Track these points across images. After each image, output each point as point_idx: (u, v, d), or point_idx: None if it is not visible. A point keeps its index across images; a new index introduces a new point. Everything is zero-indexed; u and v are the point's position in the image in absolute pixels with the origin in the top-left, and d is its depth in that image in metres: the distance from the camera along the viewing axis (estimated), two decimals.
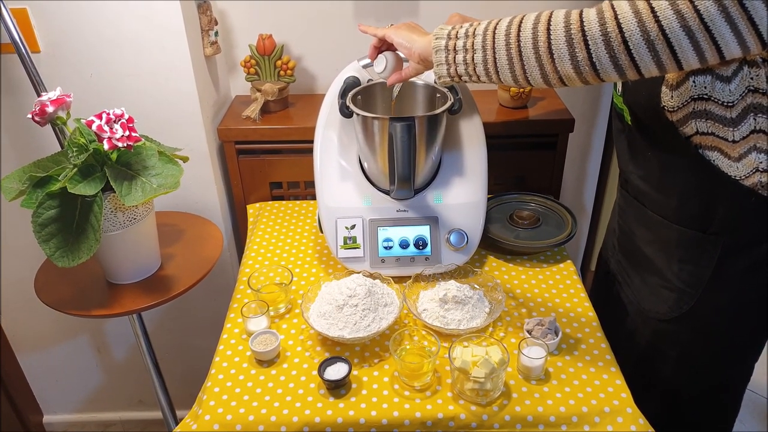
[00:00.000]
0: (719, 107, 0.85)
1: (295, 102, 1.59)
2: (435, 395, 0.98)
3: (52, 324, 1.73)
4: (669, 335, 1.07)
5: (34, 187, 1.06)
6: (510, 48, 0.84)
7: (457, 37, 0.91)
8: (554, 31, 0.80)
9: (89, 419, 1.97)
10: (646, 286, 1.09)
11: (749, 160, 0.87)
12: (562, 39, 0.79)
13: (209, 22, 1.41)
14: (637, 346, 1.13)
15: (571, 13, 0.80)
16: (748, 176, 0.88)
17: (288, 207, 1.50)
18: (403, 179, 1.12)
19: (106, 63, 1.33)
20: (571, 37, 0.78)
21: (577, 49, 0.78)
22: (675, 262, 1.01)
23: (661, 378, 1.12)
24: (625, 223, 1.14)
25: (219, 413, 0.97)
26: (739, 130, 0.85)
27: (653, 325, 1.09)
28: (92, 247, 1.06)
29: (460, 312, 1.09)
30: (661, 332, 1.08)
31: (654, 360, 1.11)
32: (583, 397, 0.96)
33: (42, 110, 1.05)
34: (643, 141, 0.99)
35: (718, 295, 1.00)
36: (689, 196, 0.95)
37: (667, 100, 0.88)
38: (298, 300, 1.18)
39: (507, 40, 0.84)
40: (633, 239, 1.10)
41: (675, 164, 0.95)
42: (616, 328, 1.16)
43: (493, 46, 0.86)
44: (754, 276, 0.97)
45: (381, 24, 1.54)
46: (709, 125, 0.87)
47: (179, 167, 1.13)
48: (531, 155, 1.53)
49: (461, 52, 0.90)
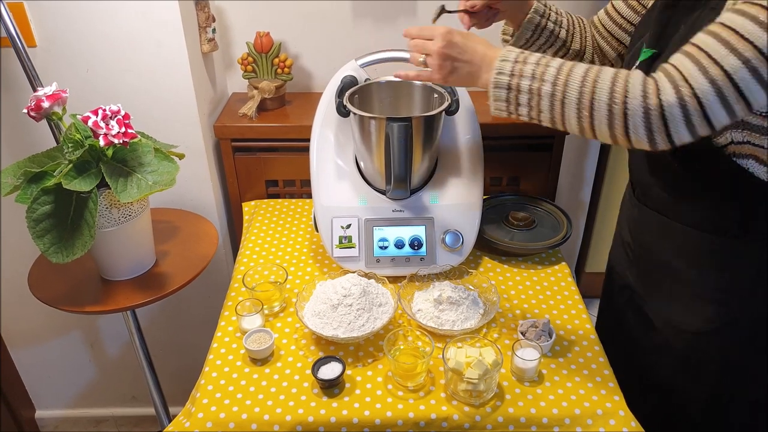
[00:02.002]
0: (756, 117, 0.83)
1: (292, 100, 1.59)
2: (428, 396, 0.98)
3: (45, 319, 1.73)
4: (708, 348, 1.02)
5: (28, 183, 1.05)
6: (582, 107, 0.80)
7: (522, 75, 0.84)
8: (631, 111, 0.77)
9: (82, 415, 1.97)
10: (675, 299, 1.03)
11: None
12: (641, 121, 0.76)
13: (207, 18, 1.41)
14: (669, 360, 1.08)
15: (647, 91, 0.76)
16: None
17: (283, 205, 1.50)
18: (399, 179, 1.12)
19: (103, 58, 1.33)
20: (650, 119, 0.76)
21: (656, 131, 0.76)
22: (710, 273, 0.97)
23: (702, 392, 1.07)
24: (642, 237, 1.09)
25: (212, 411, 0.97)
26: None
27: (688, 339, 1.03)
28: (87, 243, 1.05)
29: (455, 313, 1.09)
30: (697, 345, 1.03)
31: (692, 374, 1.06)
32: (576, 399, 0.97)
33: (38, 105, 1.05)
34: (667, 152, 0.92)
35: (760, 302, 0.96)
36: (723, 204, 0.92)
37: None
38: (292, 299, 1.18)
39: (579, 98, 0.80)
40: (654, 253, 1.05)
41: (706, 173, 0.92)
42: (641, 343, 1.12)
43: (563, 98, 0.81)
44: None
45: (379, 24, 1.54)
46: (744, 135, 0.85)
47: (175, 164, 1.13)
48: (526, 156, 1.53)
49: (525, 93, 0.84)
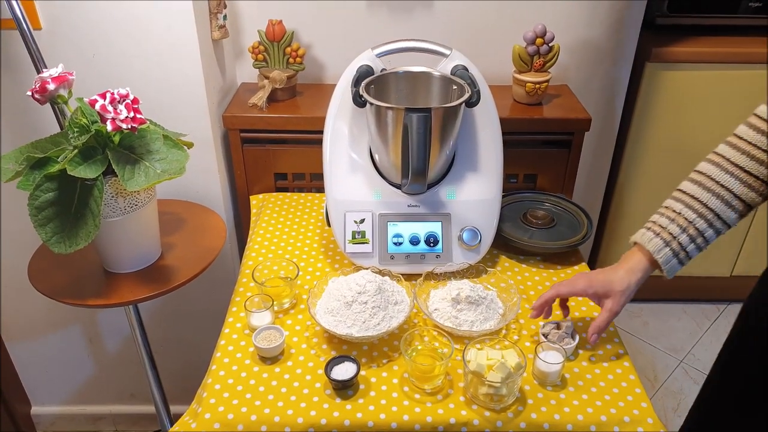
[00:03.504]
0: None
1: (303, 91, 1.55)
2: (447, 399, 0.94)
3: (43, 312, 1.68)
4: None
5: (31, 169, 1.01)
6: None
7: (663, 227, 0.91)
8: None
9: (79, 412, 1.92)
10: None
11: None
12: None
13: (218, 5, 1.36)
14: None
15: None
16: None
17: (293, 199, 1.46)
18: (417, 173, 1.08)
19: (109, 42, 1.28)
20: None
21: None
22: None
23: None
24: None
25: (220, 412, 0.92)
26: None
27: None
28: (91, 233, 1.01)
29: (473, 313, 1.05)
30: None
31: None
32: (601, 406, 0.93)
33: (42, 87, 1.00)
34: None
35: None
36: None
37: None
38: (303, 295, 1.14)
39: None
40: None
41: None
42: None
43: None
44: None
45: (394, 13, 1.50)
46: None
47: (185, 152, 1.08)
48: (544, 153, 1.49)
49: (679, 233, 0.91)
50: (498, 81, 1.54)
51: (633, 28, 1.58)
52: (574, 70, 1.61)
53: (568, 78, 1.62)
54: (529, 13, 1.51)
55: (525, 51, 1.45)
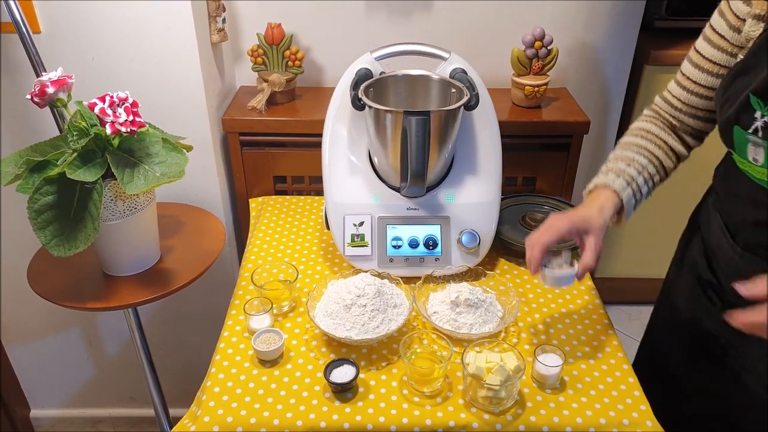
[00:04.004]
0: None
1: (302, 94, 1.55)
2: (446, 402, 0.94)
3: (42, 315, 1.68)
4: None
5: (30, 172, 1.01)
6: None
7: (622, 170, 0.94)
8: None
9: (78, 415, 1.92)
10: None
11: None
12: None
13: (217, 8, 1.37)
14: (755, 420, 0.96)
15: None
16: None
17: (292, 202, 1.46)
18: (416, 176, 1.08)
19: (109, 46, 1.28)
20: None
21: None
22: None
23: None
24: None
25: (219, 415, 0.92)
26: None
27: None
28: (90, 236, 1.01)
29: (472, 316, 1.05)
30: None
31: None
32: (600, 408, 0.93)
33: (42, 91, 1.00)
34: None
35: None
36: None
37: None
38: (302, 298, 1.14)
39: None
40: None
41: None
42: (714, 398, 1.02)
43: None
44: None
45: (393, 17, 1.51)
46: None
47: (184, 156, 1.08)
48: (543, 156, 1.49)
49: (636, 176, 0.95)
50: (497, 84, 1.54)
51: (631, 31, 1.59)
52: (572, 73, 1.62)
53: (566, 81, 1.63)
54: (528, 16, 1.52)
55: (524, 54, 1.45)
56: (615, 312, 1.76)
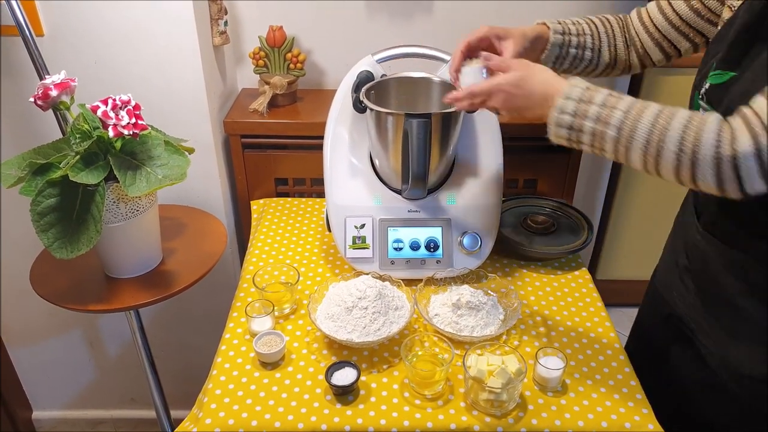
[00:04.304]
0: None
1: (304, 97, 1.55)
2: (447, 405, 0.94)
3: (44, 317, 1.68)
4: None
5: (33, 175, 1.01)
6: (647, 154, 0.76)
7: (585, 116, 0.81)
8: (702, 159, 0.72)
9: (79, 416, 1.92)
10: (738, 341, 0.93)
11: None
12: (710, 170, 0.72)
13: (219, 10, 1.37)
14: (724, 403, 0.97)
15: (721, 139, 0.71)
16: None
17: (293, 204, 1.46)
18: (417, 178, 1.08)
19: (111, 49, 1.29)
20: (721, 168, 0.71)
21: (727, 180, 0.71)
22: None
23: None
24: (707, 268, 0.97)
25: (220, 417, 0.93)
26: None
27: (752, 386, 0.92)
28: (92, 238, 1.01)
29: (474, 318, 1.05)
30: (759, 393, 0.92)
31: (751, 423, 0.95)
32: (602, 412, 0.93)
33: (45, 94, 1.00)
34: None
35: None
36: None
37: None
38: (303, 300, 1.14)
39: (646, 145, 0.76)
40: (718, 288, 0.94)
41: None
42: (686, 378, 1.03)
43: (628, 144, 0.77)
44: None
45: (394, 19, 1.51)
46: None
47: (186, 158, 1.09)
48: (544, 158, 1.49)
49: (588, 135, 0.81)
50: None
51: None
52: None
53: None
54: (529, 17, 1.50)
55: None
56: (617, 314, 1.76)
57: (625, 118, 0.77)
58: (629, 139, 0.77)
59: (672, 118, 0.75)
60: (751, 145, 0.69)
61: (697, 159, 0.72)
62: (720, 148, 0.71)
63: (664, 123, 0.75)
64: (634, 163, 0.79)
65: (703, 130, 0.72)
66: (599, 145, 0.81)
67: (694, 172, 0.73)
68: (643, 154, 0.77)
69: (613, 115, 0.78)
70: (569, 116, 0.81)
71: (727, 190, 0.72)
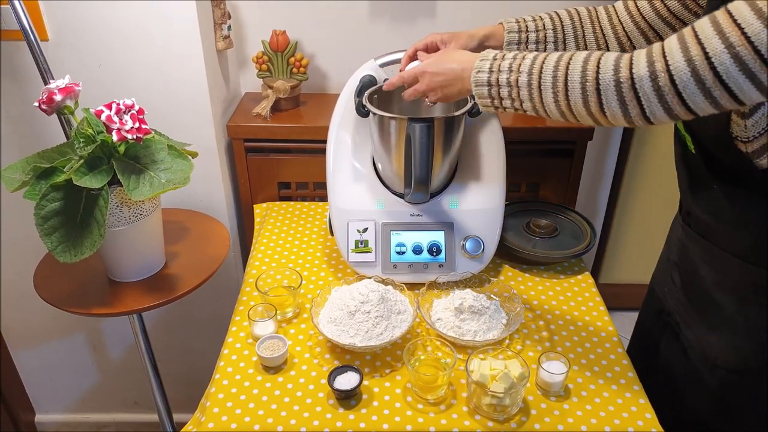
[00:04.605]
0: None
1: (307, 101, 1.56)
2: (450, 409, 0.94)
3: (47, 320, 1.69)
4: (746, 388, 0.94)
5: (37, 179, 1.02)
6: (557, 90, 0.79)
7: (500, 71, 0.85)
8: (603, 85, 0.74)
9: (82, 420, 1.92)
10: (713, 332, 0.95)
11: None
12: (613, 95, 0.74)
13: (222, 15, 1.37)
14: (703, 397, 1.00)
15: (620, 64, 0.73)
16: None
17: (296, 208, 1.46)
18: (419, 182, 1.08)
19: (115, 53, 1.29)
20: (622, 92, 0.73)
21: (630, 105, 0.73)
22: (753, 308, 0.88)
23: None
24: (689, 261, 1.00)
25: (223, 421, 0.93)
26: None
27: (723, 376, 0.95)
28: (96, 242, 1.01)
29: (476, 323, 1.05)
30: (734, 385, 0.94)
31: (726, 415, 0.98)
32: (605, 416, 0.92)
33: (49, 98, 1.01)
34: (708, 172, 0.89)
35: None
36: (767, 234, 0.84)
37: (740, 129, 0.79)
38: (306, 304, 1.14)
39: (554, 81, 0.79)
40: (698, 280, 0.97)
41: (749, 199, 0.84)
42: (674, 373, 1.05)
43: (539, 84, 0.81)
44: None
45: (397, 24, 1.51)
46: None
47: (189, 162, 1.09)
48: (547, 162, 1.49)
49: (505, 87, 0.85)
50: None
51: None
52: None
53: None
54: None
55: None
56: (620, 319, 1.75)
57: (534, 62, 0.83)
58: (539, 79, 0.81)
59: (575, 54, 0.79)
60: (647, 68, 0.71)
61: (600, 85, 0.75)
62: (619, 72, 0.73)
63: (568, 58, 0.79)
64: (549, 106, 0.81)
65: (604, 59, 0.76)
66: (517, 95, 0.84)
67: (600, 100, 0.75)
68: (554, 92, 0.80)
69: (524, 62, 0.84)
70: (486, 73, 0.86)
71: (632, 116, 0.74)
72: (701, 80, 0.67)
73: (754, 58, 0.64)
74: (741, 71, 0.65)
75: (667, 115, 0.72)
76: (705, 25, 0.68)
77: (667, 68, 0.69)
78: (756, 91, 0.66)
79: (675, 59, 0.69)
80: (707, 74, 0.67)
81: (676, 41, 0.70)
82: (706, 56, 0.66)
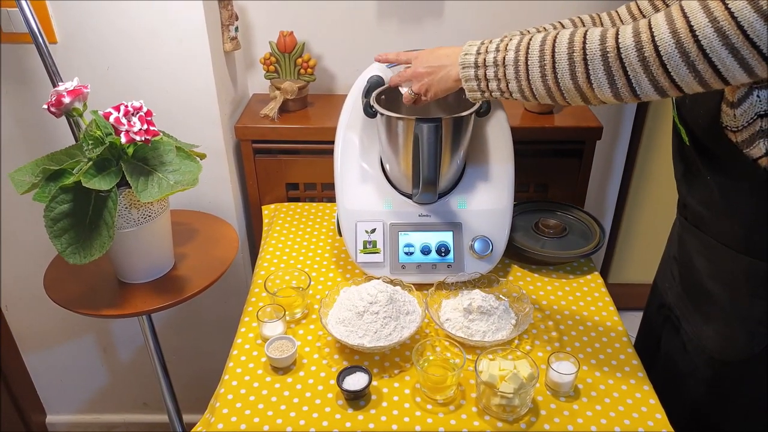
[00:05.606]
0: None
1: (314, 102, 1.56)
2: (459, 410, 0.93)
3: (58, 322, 1.70)
4: (737, 379, 0.96)
5: (47, 181, 1.02)
6: (544, 64, 0.79)
7: (487, 52, 0.86)
8: (590, 55, 0.74)
9: (92, 420, 1.93)
10: (707, 324, 0.97)
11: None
12: (599, 66, 0.74)
13: (230, 16, 1.38)
14: (700, 387, 1.01)
15: (606, 35, 0.74)
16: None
17: (304, 209, 1.46)
18: (428, 182, 1.08)
19: (123, 55, 1.30)
20: (608, 62, 0.73)
21: (616, 76, 0.73)
22: (744, 298, 0.90)
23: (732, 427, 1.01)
24: (686, 254, 1.01)
25: (232, 422, 0.93)
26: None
27: (716, 367, 0.97)
28: (105, 244, 1.02)
29: (485, 323, 1.04)
30: (726, 375, 0.96)
31: (720, 405, 1.00)
32: (615, 417, 0.92)
33: (58, 101, 1.01)
34: (701, 163, 0.90)
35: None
36: (758, 224, 0.84)
37: (729, 119, 0.80)
38: (314, 305, 1.14)
39: (541, 56, 0.79)
40: (693, 272, 0.99)
41: (740, 189, 0.85)
42: (676, 366, 1.06)
43: (526, 60, 0.81)
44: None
45: (404, 24, 1.51)
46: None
47: (197, 164, 1.09)
48: (555, 162, 1.49)
49: (492, 67, 0.85)
50: None
51: None
52: None
53: None
54: (542, 21, 1.50)
55: None
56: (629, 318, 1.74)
57: (521, 40, 0.82)
58: (526, 54, 0.80)
59: (562, 31, 0.79)
60: (632, 38, 0.71)
61: (587, 55, 0.75)
62: (605, 42, 0.73)
63: (554, 34, 0.79)
64: (536, 83, 0.80)
65: (591, 32, 0.76)
66: (503, 74, 0.84)
67: (587, 70, 0.75)
68: (541, 65, 0.79)
69: (511, 42, 0.84)
70: (473, 56, 0.87)
71: (619, 87, 0.74)
72: (685, 52, 0.68)
73: (737, 33, 0.64)
74: (724, 45, 0.65)
75: (654, 89, 0.72)
76: (691, 2, 0.69)
77: (653, 39, 0.70)
78: (739, 68, 0.66)
79: (660, 31, 0.69)
80: (691, 47, 0.67)
81: (662, 15, 0.71)
82: (690, 29, 0.67)
